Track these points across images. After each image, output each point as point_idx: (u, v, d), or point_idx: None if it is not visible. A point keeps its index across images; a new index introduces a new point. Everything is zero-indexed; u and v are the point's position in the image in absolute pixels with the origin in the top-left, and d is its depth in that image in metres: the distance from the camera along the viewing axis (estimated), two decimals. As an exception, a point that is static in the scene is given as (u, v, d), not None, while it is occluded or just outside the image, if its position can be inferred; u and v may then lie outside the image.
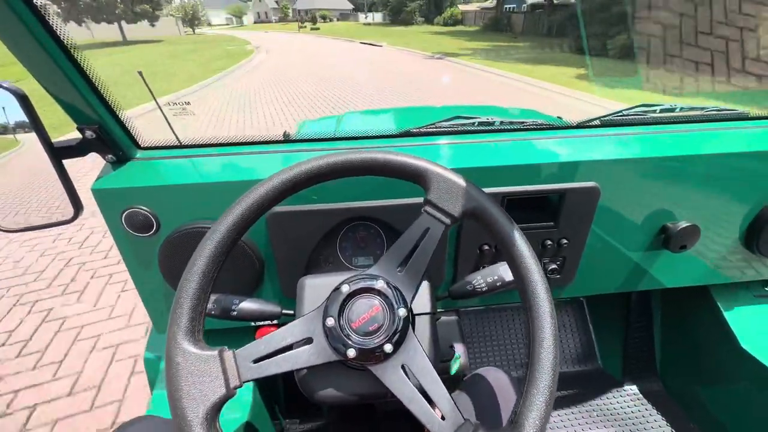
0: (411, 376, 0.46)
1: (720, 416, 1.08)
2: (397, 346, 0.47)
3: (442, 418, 0.43)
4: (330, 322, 0.47)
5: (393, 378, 0.46)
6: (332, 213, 0.75)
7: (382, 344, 0.46)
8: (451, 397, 0.45)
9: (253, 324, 0.92)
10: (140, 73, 0.67)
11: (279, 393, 1.20)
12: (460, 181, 0.52)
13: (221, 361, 0.42)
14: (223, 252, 0.47)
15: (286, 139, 0.85)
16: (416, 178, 0.53)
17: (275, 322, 0.94)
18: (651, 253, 0.91)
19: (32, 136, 0.65)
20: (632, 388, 1.30)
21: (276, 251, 0.77)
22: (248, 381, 0.43)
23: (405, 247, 0.51)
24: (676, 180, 0.82)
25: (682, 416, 1.19)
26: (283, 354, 0.45)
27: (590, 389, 1.31)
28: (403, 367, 0.47)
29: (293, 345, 0.46)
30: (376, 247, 0.83)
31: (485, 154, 0.80)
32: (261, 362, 0.44)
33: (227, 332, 0.88)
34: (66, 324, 2.03)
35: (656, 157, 0.79)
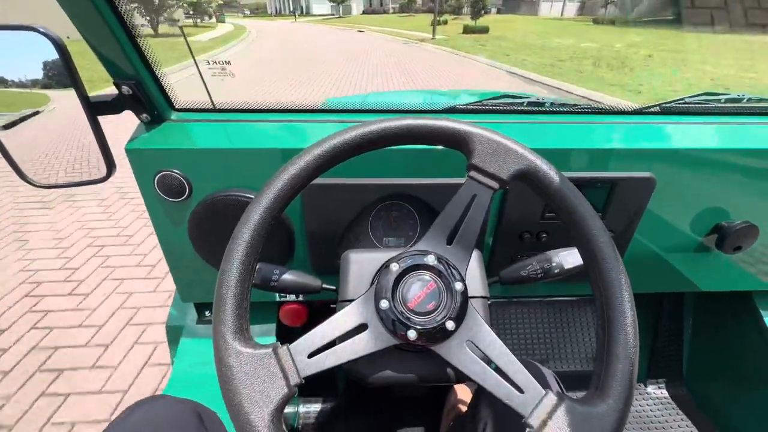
0: (477, 352, 0.43)
1: (749, 428, 1.04)
2: (458, 322, 0.43)
3: (520, 391, 0.40)
4: (384, 304, 0.43)
5: (460, 356, 0.43)
6: (369, 188, 0.72)
7: (444, 322, 0.43)
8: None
9: (278, 298, 0.90)
10: (181, 28, 0.64)
11: None
12: (506, 141, 0.47)
13: (277, 359, 0.39)
14: (262, 236, 0.43)
15: (321, 109, 0.82)
16: (457, 143, 0.49)
17: (300, 298, 0.92)
18: (700, 253, 0.86)
19: (62, 93, 0.63)
20: (656, 392, 1.26)
21: (309, 225, 0.74)
22: (308, 376, 0.40)
23: (452, 218, 0.48)
24: (736, 175, 0.76)
25: (708, 424, 1.15)
26: (340, 344, 0.42)
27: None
28: (467, 343, 0.44)
29: (347, 333, 0.43)
30: (408, 228, 0.80)
31: (533, 136, 0.75)
32: (318, 355, 0.41)
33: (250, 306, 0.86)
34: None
35: (718, 149, 0.73)
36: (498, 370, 0.42)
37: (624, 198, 0.75)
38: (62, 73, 0.59)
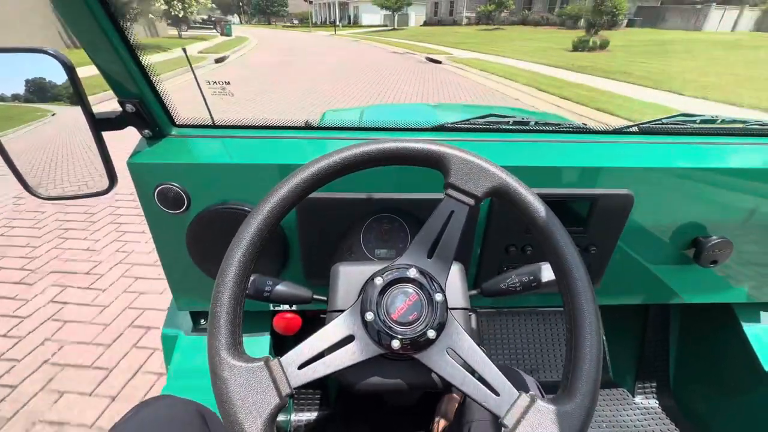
0: (457, 358, 0.46)
1: None
2: (439, 330, 0.46)
3: (496, 394, 0.43)
4: (369, 316, 0.46)
5: (440, 363, 0.46)
6: (362, 203, 0.75)
7: (425, 331, 0.46)
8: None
9: (271, 308, 0.92)
10: (184, 50, 0.68)
11: None
12: (480, 161, 0.51)
13: (269, 371, 0.41)
14: (254, 254, 0.46)
15: (316, 126, 0.85)
16: (435, 164, 0.53)
17: (294, 308, 0.94)
18: (678, 266, 0.89)
19: (62, 108, 0.66)
20: (644, 402, 1.28)
21: (302, 237, 0.77)
22: (298, 387, 0.43)
23: (431, 233, 0.51)
24: (711, 193, 0.80)
25: None
26: (328, 356, 0.45)
27: (600, 401, 1.29)
28: (448, 350, 0.47)
29: (335, 345, 0.46)
30: (399, 240, 0.83)
31: (518, 154, 0.79)
32: (307, 366, 0.44)
33: (244, 315, 0.88)
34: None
35: (693, 168, 0.77)
36: (477, 374, 0.45)
37: (604, 213, 0.78)
38: (70, 91, 0.63)
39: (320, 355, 0.45)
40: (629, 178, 0.77)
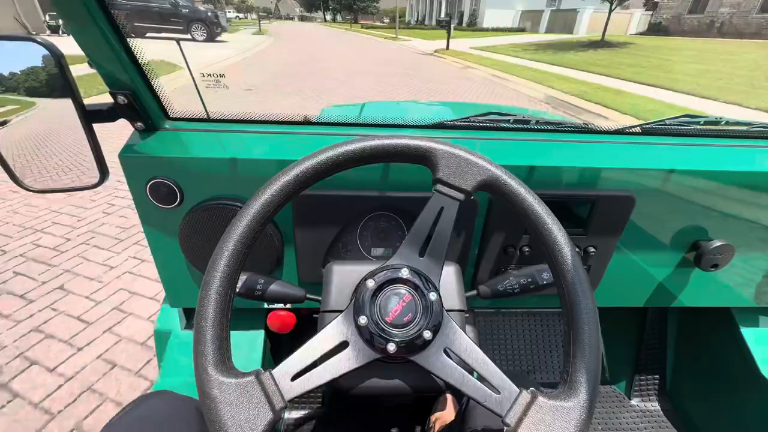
0: (455, 358, 0.45)
1: None
2: (435, 331, 0.45)
3: (497, 392, 0.42)
4: (363, 320, 0.45)
5: (438, 364, 0.45)
6: (359, 200, 0.73)
7: (421, 332, 0.45)
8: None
9: (265, 306, 0.91)
10: (178, 42, 0.66)
11: None
12: (467, 154, 0.50)
13: (261, 385, 0.40)
14: (238, 264, 0.44)
15: (313, 122, 0.83)
16: (422, 160, 0.51)
17: (288, 306, 0.93)
18: (678, 269, 0.88)
19: (52, 99, 0.64)
20: (640, 405, 1.28)
21: (298, 235, 0.76)
22: (292, 399, 0.41)
23: (422, 232, 0.50)
24: (714, 196, 0.78)
25: None
26: (322, 364, 0.43)
27: (596, 404, 1.29)
28: (445, 351, 0.45)
29: (329, 352, 0.44)
30: (395, 239, 0.81)
31: (518, 153, 0.77)
32: (301, 377, 0.42)
33: (238, 312, 0.87)
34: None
35: (696, 170, 0.75)
36: (476, 374, 0.44)
37: (605, 215, 0.77)
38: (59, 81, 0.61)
39: (314, 365, 0.43)
40: (631, 180, 0.75)
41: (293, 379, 0.42)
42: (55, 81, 0.61)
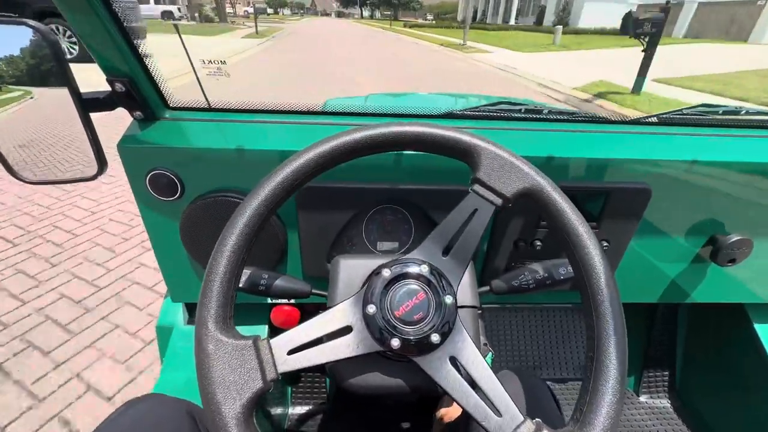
0: (461, 369, 0.43)
1: None
2: (444, 336, 0.43)
3: (498, 414, 0.39)
4: (371, 309, 0.43)
5: (441, 371, 0.42)
6: (365, 193, 0.71)
7: (429, 334, 0.42)
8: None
9: (269, 301, 0.89)
10: (176, 26, 0.63)
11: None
12: (513, 159, 0.47)
13: (256, 351, 0.38)
14: (255, 228, 0.43)
15: (319, 111, 0.81)
16: (462, 155, 0.48)
17: (292, 301, 0.91)
18: (693, 265, 0.85)
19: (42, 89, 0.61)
20: (648, 402, 1.26)
21: (303, 228, 0.73)
22: (285, 372, 0.39)
23: (450, 229, 0.47)
24: (732, 188, 0.76)
25: None
26: (321, 345, 0.41)
27: None
28: (451, 359, 0.43)
29: (331, 334, 0.43)
30: (402, 233, 0.79)
31: (530, 143, 0.74)
32: (298, 353, 0.40)
33: (241, 307, 0.85)
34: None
35: (715, 161, 0.73)
36: (476, 388, 0.41)
37: (619, 208, 0.75)
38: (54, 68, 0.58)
39: (313, 343, 0.41)
40: (647, 171, 0.73)
41: (290, 353, 0.40)
42: (49, 68, 0.58)
